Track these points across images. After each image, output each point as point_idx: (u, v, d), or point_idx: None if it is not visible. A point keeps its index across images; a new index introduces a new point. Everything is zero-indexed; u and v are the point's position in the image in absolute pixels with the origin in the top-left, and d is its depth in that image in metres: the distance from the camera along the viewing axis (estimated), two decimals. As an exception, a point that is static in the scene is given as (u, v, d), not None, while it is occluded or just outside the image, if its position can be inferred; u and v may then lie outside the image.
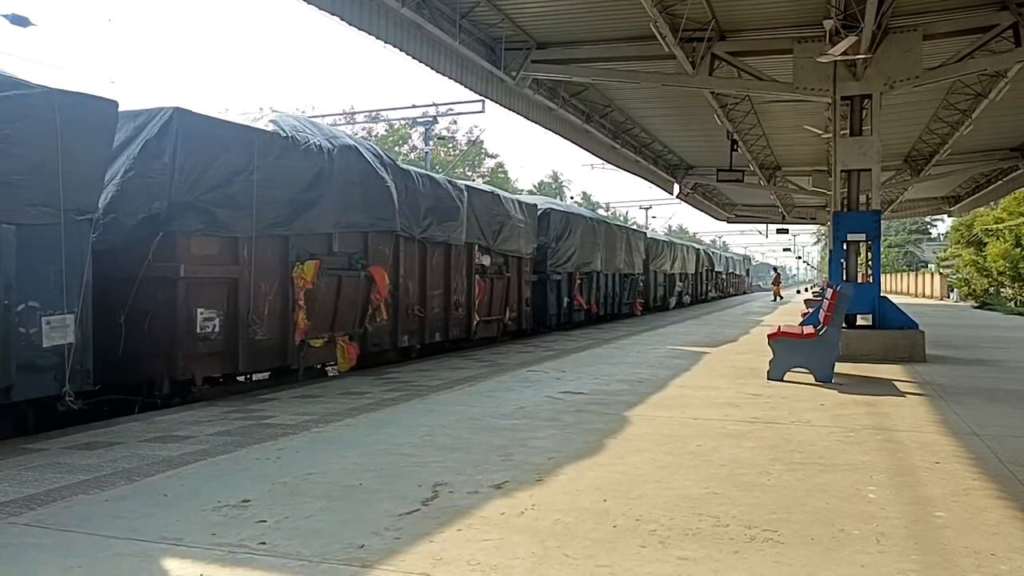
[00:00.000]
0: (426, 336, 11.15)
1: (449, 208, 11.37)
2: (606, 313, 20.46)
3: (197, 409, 6.80)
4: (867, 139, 12.02)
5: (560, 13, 12.57)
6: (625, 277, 22.29)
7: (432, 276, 11.17)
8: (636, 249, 23.21)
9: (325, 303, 8.83)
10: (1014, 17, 11.35)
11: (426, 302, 10.98)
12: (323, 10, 10.32)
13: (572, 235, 17.07)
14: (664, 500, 4.05)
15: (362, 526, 3.59)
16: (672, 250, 29.23)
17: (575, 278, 17.55)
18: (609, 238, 20.15)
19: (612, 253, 20.41)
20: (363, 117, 40.16)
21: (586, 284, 18.56)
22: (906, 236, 75.44)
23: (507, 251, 13.63)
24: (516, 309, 14.28)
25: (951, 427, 6.14)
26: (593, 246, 18.60)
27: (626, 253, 21.90)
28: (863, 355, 10.90)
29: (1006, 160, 23.43)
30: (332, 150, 8.84)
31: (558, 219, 16.58)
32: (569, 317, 17.47)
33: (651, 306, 26.08)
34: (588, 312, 18.70)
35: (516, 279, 14.19)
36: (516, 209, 13.95)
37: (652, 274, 26.19)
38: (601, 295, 19.89)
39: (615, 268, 20.92)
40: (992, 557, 3.26)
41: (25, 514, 3.76)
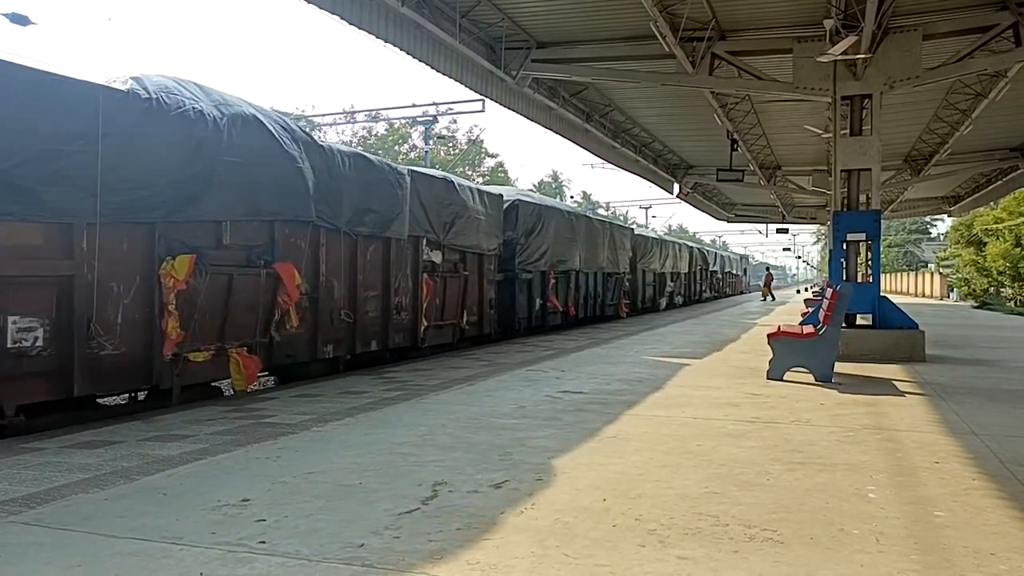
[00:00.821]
0: (358, 345, 9.55)
1: (386, 195, 9.79)
2: (586, 315, 19.09)
3: (196, 408, 6.80)
4: (867, 139, 12.02)
5: (560, 12, 12.56)
6: (609, 276, 20.83)
7: (366, 275, 9.66)
8: (621, 246, 21.76)
9: (209, 308, 7.21)
10: (1014, 17, 11.35)
11: (357, 305, 9.45)
12: (323, 9, 10.32)
13: (545, 230, 15.66)
14: (664, 499, 4.05)
15: (362, 525, 3.59)
16: (662, 248, 27.78)
17: (549, 277, 16.09)
18: (590, 234, 18.80)
19: (593, 250, 19.08)
20: (363, 116, 40.19)
21: (562, 284, 17.17)
22: (906, 236, 75.45)
23: (464, 246, 12.16)
24: (476, 312, 12.83)
25: (951, 427, 6.14)
26: (570, 242, 17.27)
27: (610, 251, 20.50)
28: (863, 355, 10.90)
29: (1006, 160, 23.43)
30: (221, 119, 7.20)
31: (528, 212, 15.07)
32: (543, 320, 16.08)
33: (639, 307, 24.72)
34: (565, 315, 17.44)
35: (476, 278, 12.78)
36: (475, 199, 12.44)
37: (640, 273, 24.80)
38: (581, 296, 18.52)
39: (597, 267, 19.57)
40: (992, 557, 3.26)
41: (25, 513, 3.76)
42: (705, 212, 37.38)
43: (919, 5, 11.44)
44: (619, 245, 21.47)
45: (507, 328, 14.50)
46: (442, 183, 11.66)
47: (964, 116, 17.42)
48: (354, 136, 58.48)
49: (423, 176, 11.12)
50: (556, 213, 16.68)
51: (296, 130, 8.47)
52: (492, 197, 13.29)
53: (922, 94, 15.78)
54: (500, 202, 13.72)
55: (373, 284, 9.87)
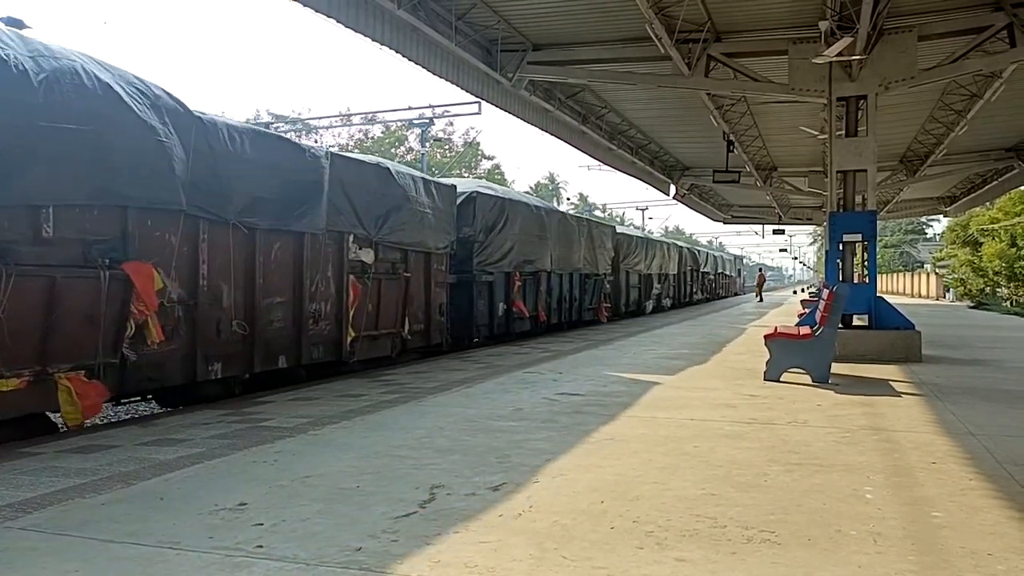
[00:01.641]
0: (258, 362, 7.89)
1: (296, 182, 8.25)
2: (561, 321, 17.49)
3: (193, 412, 6.78)
4: (863, 140, 12.05)
5: (556, 15, 12.57)
6: (587, 278, 19.23)
7: (269, 277, 8.04)
8: (601, 246, 20.14)
9: (18, 322, 5.54)
10: (1009, 18, 11.38)
11: (257, 314, 7.81)
12: (319, 12, 10.32)
13: (509, 226, 14.09)
14: (661, 501, 4.05)
15: (359, 529, 3.59)
16: (648, 247, 26.13)
17: (514, 279, 14.44)
18: (564, 232, 17.29)
19: (568, 250, 17.55)
20: (359, 119, 40.13)
21: (531, 286, 15.56)
22: (902, 236, 75.59)
23: (405, 244, 10.55)
24: (423, 320, 11.24)
25: (948, 427, 6.14)
26: (540, 241, 15.72)
27: (587, 250, 18.95)
28: (859, 355, 10.92)
29: (1001, 160, 23.49)
30: (38, 73, 5.60)
31: (488, 206, 13.49)
32: (507, 327, 14.46)
33: (622, 311, 23.14)
34: (535, 321, 15.84)
35: (422, 281, 11.22)
36: (419, 190, 10.89)
37: (624, 275, 23.22)
38: (553, 300, 16.91)
39: (572, 267, 17.95)
40: (989, 557, 3.27)
41: (21, 518, 3.74)
42: (702, 213, 37.46)
43: (914, 6, 11.47)
44: (598, 244, 19.92)
45: (464, 337, 13.04)
46: (374, 170, 10.06)
47: (959, 117, 17.46)
48: (350, 139, 58.53)
49: (348, 161, 9.53)
50: (522, 208, 15.07)
51: (159, 95, 6.71)
52: (443, 189, 11.78)
53: (917, 95, 15.82)
54: (453, 194, 12.23)
55: (279, 288, 8.23)
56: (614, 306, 22.00)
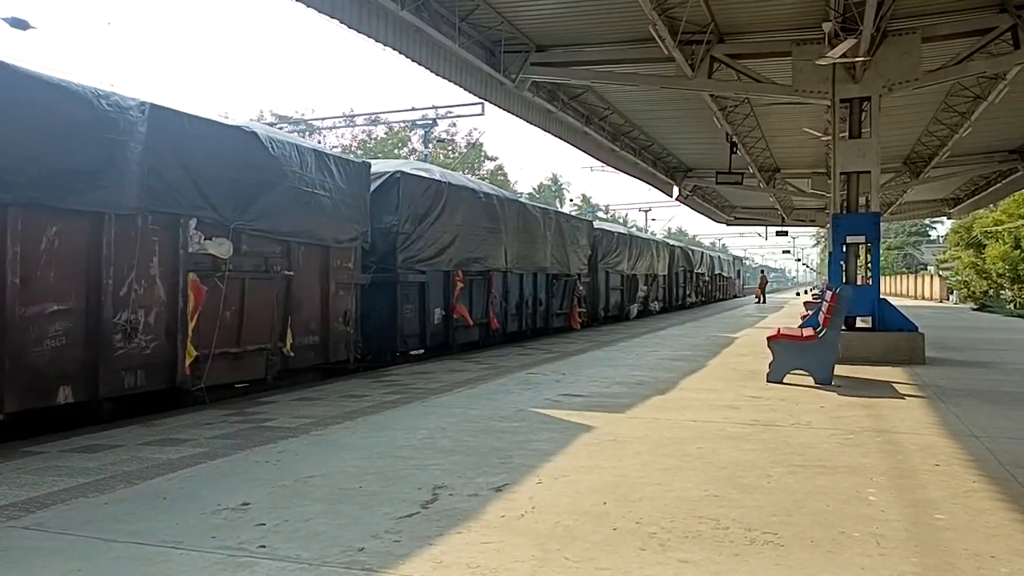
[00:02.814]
0: (8, 399, 5.48)
1: (80, 141, 5.98)
2: (522, 328, 15.02)
3: (196, 412, 6.79)
4: (866, 141, 12.03)
5: (559, 16, 12.58)
6: (555, 279, 16.75)
7: (35, 275, 5.72)
8: (574, 243, 17.74)
9: None
10: (1013, 19, 11.36)
11: (8, 327, 5.48)
12: (322, 13, 10.33)
13: (447, 216, 11.75)
14: (664, 503, 4.04)
15: (362, 529, 3.59)
16: (632, 245, 23.49)
17: (455, 280, 12.10)
18: (525, 225, 14.90)
19: (530, 246, 15.14)
20: (363, 120, 40.18)
21: (479, 289, 13.17)
22: (905, 238, 75.43)
23: (284, 234, 8.22)
24: (318, 331, 8.86)
25: (951, 429, 6.13)
26: (491, 235, 13.36)
27: (557, 247, 16.54)
28: (863, 357, 10.90)
29: (1005, 162, 23.45)
30: None
31: (418, 190, 11.09)
32: (447, 337, 12.12)
33: (601, 316, 20.74)
34: (487, 329, 13.39)
35: (316, 281, 8.83)
36: (309, 166, 8.53)
37: (603, 275, 20.86)
38: (511, 304, 14.41)
39: (537, 266, 15.51)
40: (992, 560, 3.26)
41: (25, 517, 3.75)
42: (704, 215, 37.43)
43: (918, 8, 11.46)
44: (570, 241, 17.45)
45: (385, 351, 10.66)
46: (232, 134, 7.73)
47: (963, 118, 17.44)
48: (354, 139, 58.60)
49: (183, 119, 7.00)
50: (467, 195, 12.69)
51: None
52: (350, 167, 9.43)
53: (921, 96, 15.80)
54: (364, 174, 9.79)
55: (58, 291, 5.91)
56: (591, 311, 19.80)
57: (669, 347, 13.52)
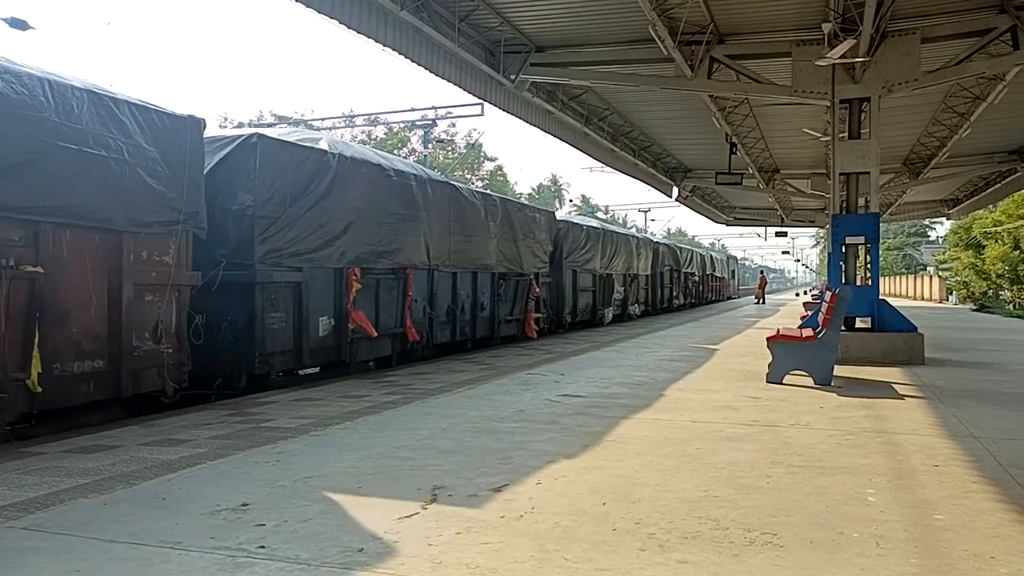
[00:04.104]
0: None
1: None
2: (456, 338, 12.34)
3: (196, 413, 6.79)
4: (866, 142, 12.04)
5: (559, 16, 12.58)
6: (504, 280, 13.95)
7: None
8: (529, 236, 14.91)
9: None
10: (1012, 20, 11.37)
11: None
12: (322, 13, 10.33)
13: (336, 196, 9.08)
14: (663, 503, 4.04)
15: (361, 529, 3.59)
16: (606, 241, 20.49)
17: (350, 279, 9.36)
18: (459, 213, 12.20)
19: (468, 239, 12.51)
20: (362, 120, 40.18)
21: (389, 290, 10.33)
22: (905, 239, 75.49)
23: (24, 211, 5.65)
24: (100, 352, 6.34)
25: (950, 430, 6.13)
26: (406, 222, 10.50)
27: (505, 241, 13.90)
28: (862, 358, 10.91)
29: (1005, 163, 23.47)
30: None
31: (287, 161, 8.43)
32: (339, 353, 9.32)
33: (567, 322, 17.84)
34: (403, 340, 10.60)
35: (94, 282, 6.31)
36: (74, 110, 5.98)
37: (569, 275, 17.87)
38: (439, 309, 11.73)
39: (477, 264, 12.90)
40: (992, 560, 3.26)
41: (24, 518, 3.75)
42: (704, 215, 37.45)
43: (917, 8, 11.47)
44: (524, 234, 14.69)
45: (236, 375, 8.03)
46: None
47: (963, 119, 17.45)
48: (353, 139, 58.59)
49: None
50: (368, 171, 9.83)
51: None
52: (160, 120, 6.86)
53: (921, 97, 15.80)
54: (190, 132, 7.19)
55: None
56: (555, 316, 17.21)
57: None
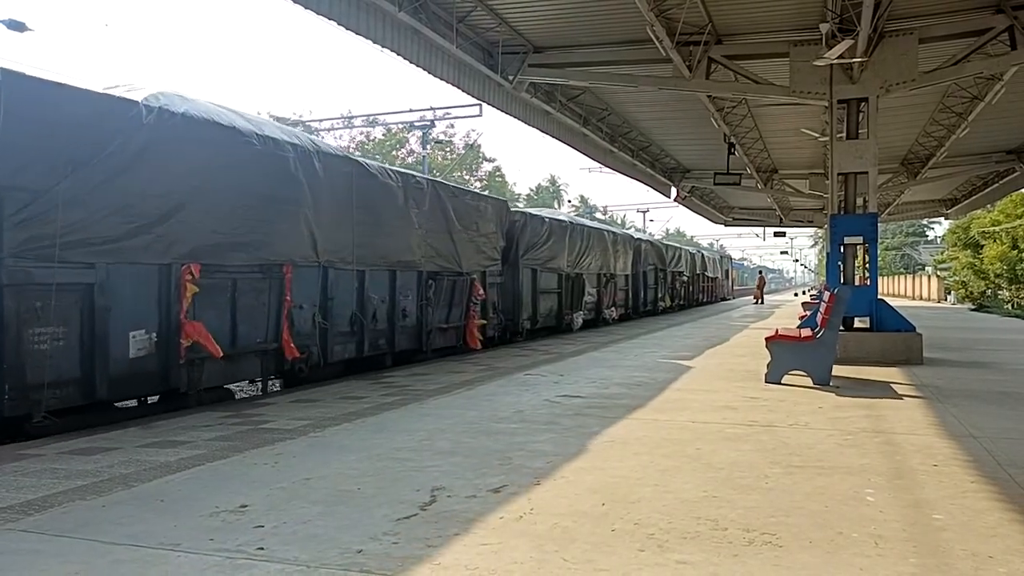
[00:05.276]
0: None
1: None
2: (365, 353, 9.85)
3: (194, 414, 6.79)
4: (863, 142, 12.05)
5: (557, 17, 12.58)
6: (435, 280, 11.46)
7: None
8: (470, 228, 12.55)
9: None
10: (1009, 20, 11.38)
11: None
12: (320, 14, 10.32)
13: (153, 166, 6.72)
14: (662, 504, 4.04)
15: (360, 531, 3.59)
16: (575, 236, 17.88)
17: (183, 280, 7.03)
18: (365, 197, 9.66)
19: (378, 229, 9.94)
20: (361, 121, 40.19)
21: (250, 294, 7.93)
22: (903, 239, 75.56)
23: None
24: None
25: (949, 429, 6.14)
26: (278, 206, 8.18)
27: (435, 233, 11.46)
28: (860, 358, 10.91)
29: (1003, 163, 23.49)
30: None
31: (59, 112, 5.92)
32: (169, 379, 6.99)
33: (525, 328, 15.23)
34: (277, 359, 8.29)
35: None
36: None
37: (527, 275, 15.23)
38: (338, 317, 9.28)
39: (394, 260, 10.41)
40: (990, 560, 3.26)
41: (23, 520, 3.75)
42: (703, 216, 37.46)
43: (915, 9, 11.48)
44: (463, 225, 12.29)
45: None
46: None
47: (960, 119, 17.46)
48: (352, 141, 58.57)
49: None
50: (212, 135, 7.36)
51: None
52: None
53: (918, 97, 15.82)
54: None
55: None
56: (510, 322, 14.63)
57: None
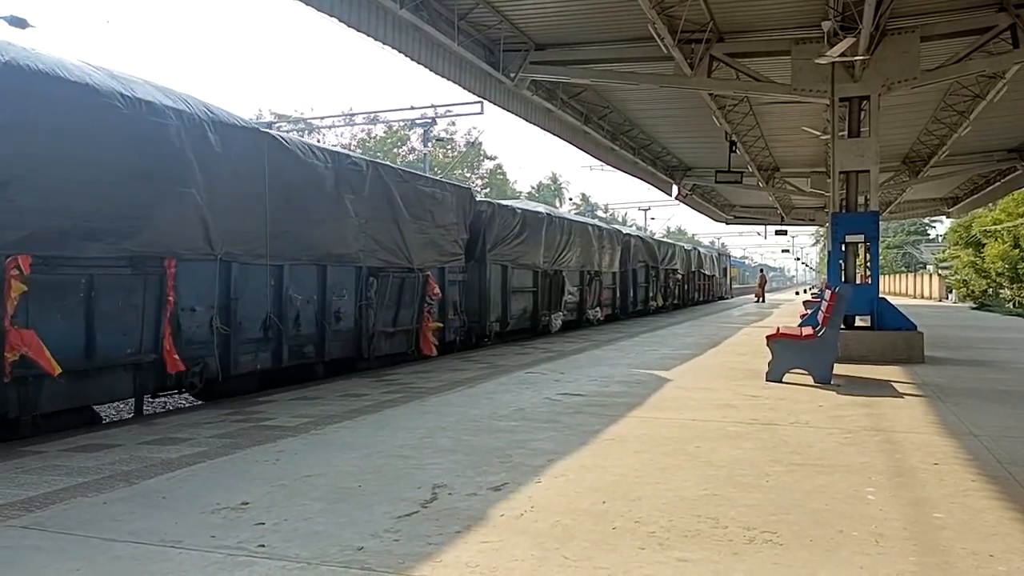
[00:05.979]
0: None
1: None
2: (285, 363, 8.32)
3: (195, 412, 6.80)
4: (865, 140, 12.03)
5: (558, 14, 12.57)
6: (378, 277, 9.89)
7: None
8: (424, 219, 11.00)
9: None
10: (1012, 18, 11.36)
11: None
12: (321, 11, 10.32)
13: None
14: (663, 502, 4.05)
15: (361, 528, 3.59)
16: (553, 231, 16.37)
17: (8, 274, 5.36)
18: (280, 178, 8.16)
19: (304, 218, 8.55)
20: (362, 119, 40.17)
21: (116, 293, 6.35)
22: (904, 237, 75.49)
23: None
24: None
25: (949, 428, 6.14)
26: (150, 184, 6.58)
27: (380, 223, 9.96)
28: (861, 356, 10.90)
29: (1004, 161, 23.46)
30: None
31: None
32: None
33: (493, 331, 13.80)
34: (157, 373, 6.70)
35: None
36: None
37: (496, 272, 13.85)
38: (248, 321, 7.82)
39: (323, 254, 8.95)
40: (991, 558, 3.26)
41: (24, 517, 3.75)
42: (704, 214, 37.45)
43: (917, 7, 11.45)
44: (412, 215, 10.66)
45: None
46: None
47: (962, 117, 17.44)
48: (353, 138, 58.58)
49: None
50: (47, 87, 5.69)
51: None
52: None
53: (920, 95, 15.80)
54: None
55: None
56: (476, 324, 13.25)
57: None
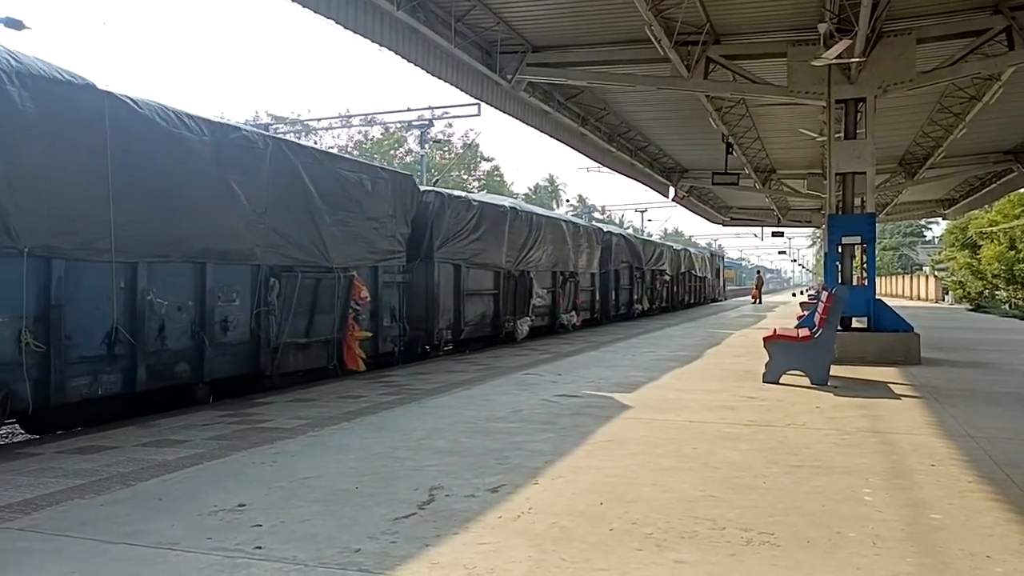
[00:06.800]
0: None
1: None
2: (140, 385, 6.59)
3: (192, 414, 6.78)
4: (861, 142, 12.06)
5: (555, 16, 12.58)
6: (284, 277, 8.31)
7: None
8: (351, 209, 9.49)
9: None
10: (1007, 21, 11.39)
11: None
12: (318, 13, 10.31)
13: None
14: (660, 503, 4.05)
15: (358, 530, 3.59)
16: (518, 227, 14.74)
17: None
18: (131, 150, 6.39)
19: (170, 203, 6.87)
20: (359, 121, 40.19)
21: None
22: (901, 239, 75.59)
23: None
24: None
25: (946, 429, 6.15)
26: None
27: (287, 212, 8.41)
28: (858, 358, 10.92)
29: (1000, 163, 23.52)
30: None
31: None
32: None
33: (443, 340, 12.34)
34: None
35: None
36: None
37: (446, 272, 12.23)
38: (85, 338, 6.15)
39: (210, 249, 7.36)
40: (988, 559, 3.27)
41: (20, 519, 3.74)
42: (701, 215, 37.48)
43: (913, 9, 11.49)
44: (332, 205, 9.10)
45: None
46: None
47: (958, 119, 17.48)
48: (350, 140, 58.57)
49: None
50: None
51: None
52: None
53: (916, 97, 15.83)
54: None
55: None
56: (422, 331, 11.67)
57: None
